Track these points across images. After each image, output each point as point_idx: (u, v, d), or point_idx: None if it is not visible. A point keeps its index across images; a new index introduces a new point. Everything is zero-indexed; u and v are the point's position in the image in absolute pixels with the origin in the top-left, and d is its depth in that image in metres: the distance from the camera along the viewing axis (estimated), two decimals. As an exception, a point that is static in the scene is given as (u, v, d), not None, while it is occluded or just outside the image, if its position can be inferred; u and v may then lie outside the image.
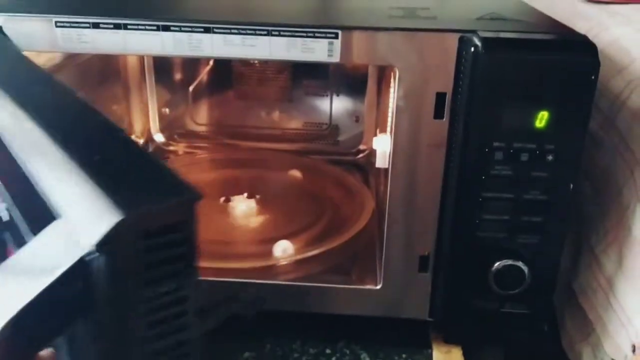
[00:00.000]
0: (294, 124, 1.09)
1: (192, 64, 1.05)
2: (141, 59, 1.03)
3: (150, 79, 1.04)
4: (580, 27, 0.81)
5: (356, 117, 1.07)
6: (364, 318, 0.72)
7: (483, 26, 0.60)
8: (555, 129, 0.57)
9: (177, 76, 1.07)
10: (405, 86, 0.60)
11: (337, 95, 1.06)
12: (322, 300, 0.71)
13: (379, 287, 0.69)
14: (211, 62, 1.05)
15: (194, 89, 1.07)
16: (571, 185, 0.59)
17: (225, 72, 1.06)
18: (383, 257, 0.67)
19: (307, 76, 1.05)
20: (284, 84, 1.06)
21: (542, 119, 0.56)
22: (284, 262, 0.75)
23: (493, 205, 0.60)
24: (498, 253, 0.62)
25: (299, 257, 0.76)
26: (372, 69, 1.02)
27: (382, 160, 0.78)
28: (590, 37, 0.76)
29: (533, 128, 0.57)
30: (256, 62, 1.03)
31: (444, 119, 0.61)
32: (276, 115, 1.09)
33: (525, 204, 0.60)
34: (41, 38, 0.62)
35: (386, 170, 0.77)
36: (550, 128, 0.57)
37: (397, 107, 0.61)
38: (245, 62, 1.03)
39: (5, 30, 0.61)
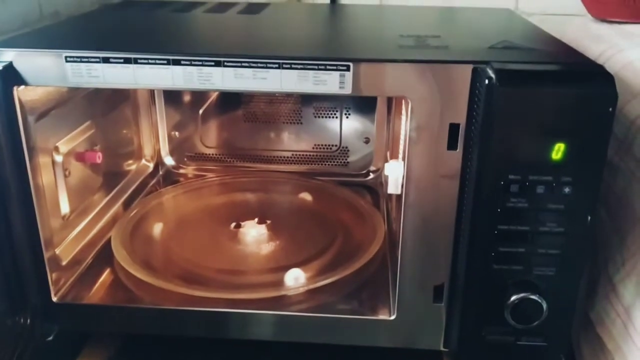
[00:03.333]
0: (304, 145, 1.08)
1: (201, 88, 1.05)
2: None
3: (160, 103, 1.04)
4: (594, 49, 0.81)
5: (366, 139, 1.07)
6: (376, 349, 0.71)
7: (496, 56, 0.59)
8: (572, 161, 0.56)
9: (187, 99, 1.07)
10: (418, 117, 0.59)
11: (347, 117, 1.06)
12: (336, 331, 0.70)
13: (393, 317, 0.68)
14: (216, 91, 1.05)
15: (203, 112, 1.06)
16: (589, 217, 0.58)
17: (235, 95, 1.06)
18: (397, 286, 0.67)
19: (316, 98, 1.05)
20: (294, 106, 1.06)
21: (558, 150, 0.55)
22: (296, 292, 0.74)
23: (509, 237, 0.59)
24: (514, 285, 0.61)
25: (311, 286, 0.75)
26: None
27: (394, 186, 0.77)
28: (604, 59, 0.76)
29: (549, 160, 0.56)
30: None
31: (458, 150, 0.60)
32: (286, 137, 1.08)
33: (542, 237, 0.59)
34: (51, 73, 0.61)
35: (397, 196, 0.77)
36: (567, 160, 0.56)
37: (410, 137, 0.60)
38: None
39: (15, 65, 0.61)
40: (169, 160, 1.09)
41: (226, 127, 1.08)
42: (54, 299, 0.71)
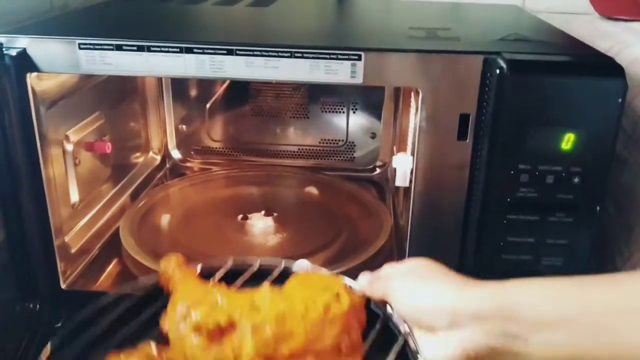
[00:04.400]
0: (310, 140, 1.09)
1: (209, 81, 1.06)
2: (159, 76, 1.03)
3: (167, 96, 1.05)
4: (601, 45, 0.81)
5: (372, 134, 1.07)
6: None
7: (507, 47, 0.59)
8: (582, 151, 0.56)
9: (194, 93, 1.07)
10: (428, 107, 0.60)
11: (354, 112, 1.06)
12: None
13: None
14: (228, 79, 1.05)
15: (210, 106, 1.07)
16: (598, 208, 0.58)
17: (242, 89, 1.06)
18: (404, 278, 0.67)
19: (323, 93, 1.05)
20: (301, 100, 1.06)
21: (568, 141, 0.56)
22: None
23: (518, 227, 0.60)
24: (523, 275, 0.61)
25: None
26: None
27: (402, 179, 0.77)
28: (612, 54, 0.76)
29: (559, 150, 0.56)
30: (273, 79, 1.03)
31: (468, 140, 0.60)
32: (292, 131, 1.09)
33: (551, 226, 0.59)
34: (64, 60, 0.62)
35: (405, 188, 0.77)
36: (577, 150, 0.56)
37: (420, 128, 0.61)
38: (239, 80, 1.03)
39: (29, 51, 0.61)
40: (175, 154, 1.09)
41: (233, 121, 1.09)
42: (63, 286, 0.71)
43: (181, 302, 0.49)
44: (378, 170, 1.08)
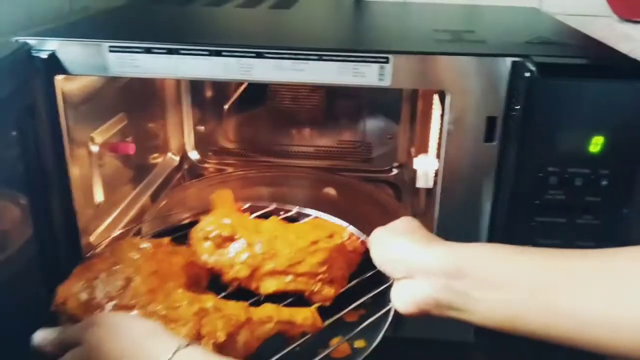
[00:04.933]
0: (327, 141, 1.09)
1: (227, 83, 1.06)
2: (177, 77, 1.03)
3: (186, 98, 1.05)
4: (622, 47, 0.81)
5: (389, 135, 1.07)
6: (405, 339, 0.71)
7: (535, 50, 0.60)
8: (610, 154, 0.56)
9: (212, 95, 1.08)
10: (456, 110, 0.60)
11: (371, 113, 1.07)
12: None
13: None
14: (256, 82, 1.05)
15: (228, 107, 1.07)
16: (625, 210, 0.58)
17: (260, 90, 1.07)
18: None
19: (340, 94, 1.06)
20: (318, 102, 1.07)
21: (597, 144, 0.56)
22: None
23: (545, 229, 0.60)
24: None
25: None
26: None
27: (424, 180, 0.78)
28: (633, 57, 0.77)
29: (588, 153, 0.56)
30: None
31: (495, 143, 0.61)
32: (309, 132, 1.09)
33: (579, 229, 0.59)
34: (93, 62, 0.62)
35: (427, 189, 0.78)
36: (605, 153, 0.56)
37: (448, 130, 0.61)
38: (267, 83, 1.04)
39: (58, 54, 0.62)
40: (193, 155, 1.10)
41: (250, 122, 1.09)
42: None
43: (203, 218, 0.65)
44: (395, 171, 1.09)
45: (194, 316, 0.51)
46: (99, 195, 0.77)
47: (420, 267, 0.51)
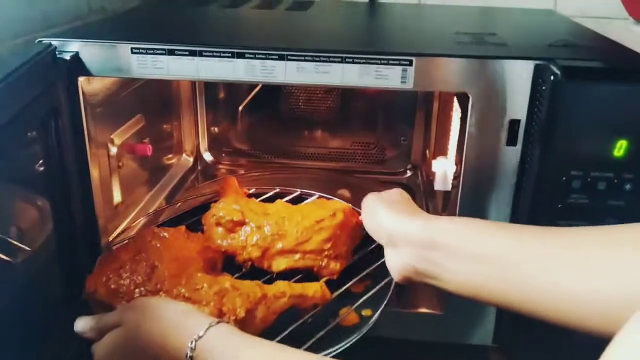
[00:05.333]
0: (341, 143, 1.09)
1: (241, 85, 1.06)
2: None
3: (201, 99, 1.05)
4: (640, 50, 0.81)
5: (403, 138, 1.07)
6: (424, 343, 0.71)
7: (558, 53, 0.60)
8: (634, 158, 0.56)
9: (227, 96, 1.08)
10: (478, 113, 0.60)
11: (385, 115, 1.06)
12: (386, 324, 0.71)
13: (442, 312, 0.69)
14: (278, 84, 1.05)
15: (243, 109, 1.07)
16: (648, 214, 0.58)
17: (274, 92, 1.07)
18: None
19: (355, 96, 1.06)
20: (332, 103, 1.07)
21: (620, 147, 0.56)
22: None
23: (567, 233, 0.60)
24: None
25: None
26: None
27: (442, 183, 0.77)
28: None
29: (611, 157, 0.56)
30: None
31: (517, 146, 0.61)
32: (323, 134, 1.09)
33: (601, 233, 0.59)
34: (116, 64, 0.63)
35: (445, 192, 0.78)
36: (629, 157, 0.56)
37: (469, 133, 0.61)
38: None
39: (81, 55, 0.62)
40: (207, 156, 1.10)
41: (265, 124, 1.09)
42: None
43: (214, 206, 0.69)
44: (408, 174, 1.08)
45: (215, 296, 0.56)
46: (117, 196, 0.77)
47: (401, 237, 0.54)
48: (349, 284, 0.64)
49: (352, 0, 1.10)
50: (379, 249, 0.60)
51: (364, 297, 0.62)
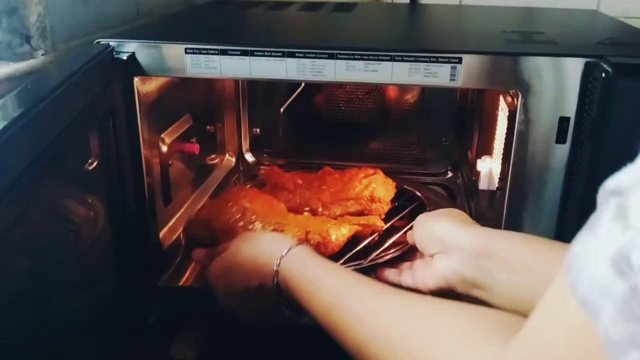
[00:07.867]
0: (382, 144, 1.10)
1: (284, 86, 1.08)
2: (237, 81, 1.05)
3: (243, 101, 1.07)
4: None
5: (445, 139, 1.07)
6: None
7: (608, 51, 0.59)
8: (688, 155, 0.56)
9: (269, 97, 1.09)
10: (528, 110, 0.60)
11: (426, 116, 1.07)
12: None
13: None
14: (303, 84, 1.07)
15: (284, 110, 1.09)
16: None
17: (316, 93, 1.08)
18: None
19: (396, 97, 1.06)
20: (374, 104, 1.07)
21: (674, 144, 0.55)
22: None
23: (618, 231, 0.59)
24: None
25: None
26: (462, 91, 1.03)
27: (487, 182, 0.78)
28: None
29: (664, 154, 0.56)
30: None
31: (566, 144, 0.61)
32: (364, 135, 1.10)
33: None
34: (170, 64, 0.65)
35: (490, 191, 0.78)
36: (683, 154, 0.56)
37: (518, 130, 0.61)
38: (337, 83, 1.05)
39: (137, 56, 0.64)
40: (249, 156, 1.12)
41: (306, 124, 1.11)
42: (158, 282, 0.74)
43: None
44: (449, 174, 1.09)
45: (299, 224, 0.73)
46: (167, 195, 0.79)
47: (455, 244, 0.55)
48: (393, 220, 0.82)
49: (392, 1, 1.11)
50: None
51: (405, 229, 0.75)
